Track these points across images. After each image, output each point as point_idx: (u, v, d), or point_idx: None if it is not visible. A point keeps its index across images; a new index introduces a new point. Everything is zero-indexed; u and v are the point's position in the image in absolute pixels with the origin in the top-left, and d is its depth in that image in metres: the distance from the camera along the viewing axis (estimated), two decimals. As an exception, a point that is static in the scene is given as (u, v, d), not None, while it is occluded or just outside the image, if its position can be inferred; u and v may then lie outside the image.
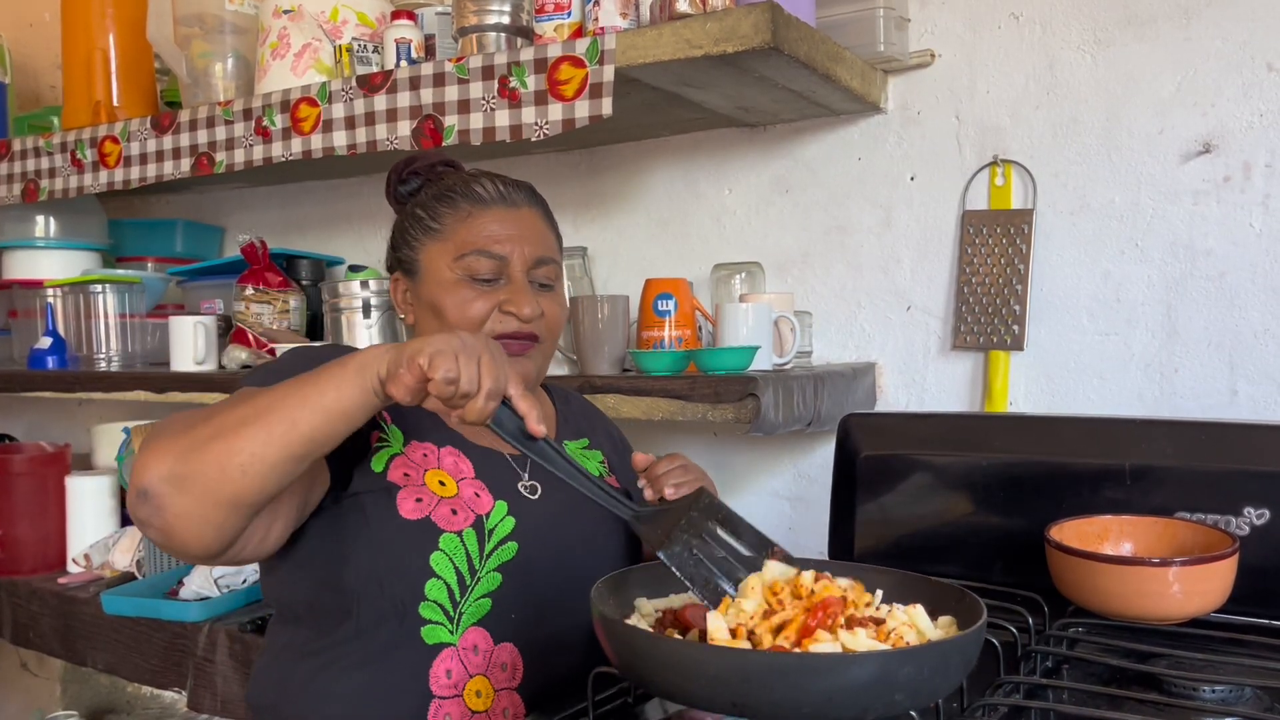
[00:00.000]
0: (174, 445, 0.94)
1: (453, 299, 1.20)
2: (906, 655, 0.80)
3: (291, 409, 0.93)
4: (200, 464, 0.92)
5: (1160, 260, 1.54)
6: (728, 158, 1.87)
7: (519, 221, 1.23)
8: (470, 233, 1.21)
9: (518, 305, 1.19)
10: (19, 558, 2.16)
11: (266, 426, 0.92)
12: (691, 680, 0.80)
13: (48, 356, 2.18)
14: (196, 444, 0.93)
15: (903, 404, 1.73)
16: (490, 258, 1.20)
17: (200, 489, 0.92)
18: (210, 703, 1.78)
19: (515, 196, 1.25)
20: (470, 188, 1.24)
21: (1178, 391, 1.53)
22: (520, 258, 1.21)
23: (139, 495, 0.94)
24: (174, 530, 0.94)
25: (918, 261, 1.72)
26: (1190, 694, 0.98)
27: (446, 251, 1.21)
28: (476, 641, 1.11)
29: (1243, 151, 1.49)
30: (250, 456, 0.92)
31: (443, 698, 1.10)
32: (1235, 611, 1.13)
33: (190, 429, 0.95)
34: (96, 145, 2.03)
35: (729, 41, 1.37)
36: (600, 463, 1.32)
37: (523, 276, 1.21)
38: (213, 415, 0.96)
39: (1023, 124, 1.62)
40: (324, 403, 0.93)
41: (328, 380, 0.94)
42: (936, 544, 1.41)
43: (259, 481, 0.93)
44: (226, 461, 0.92)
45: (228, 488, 0.93)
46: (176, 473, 0.92)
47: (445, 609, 1.11)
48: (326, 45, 1.83)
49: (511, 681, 1.13)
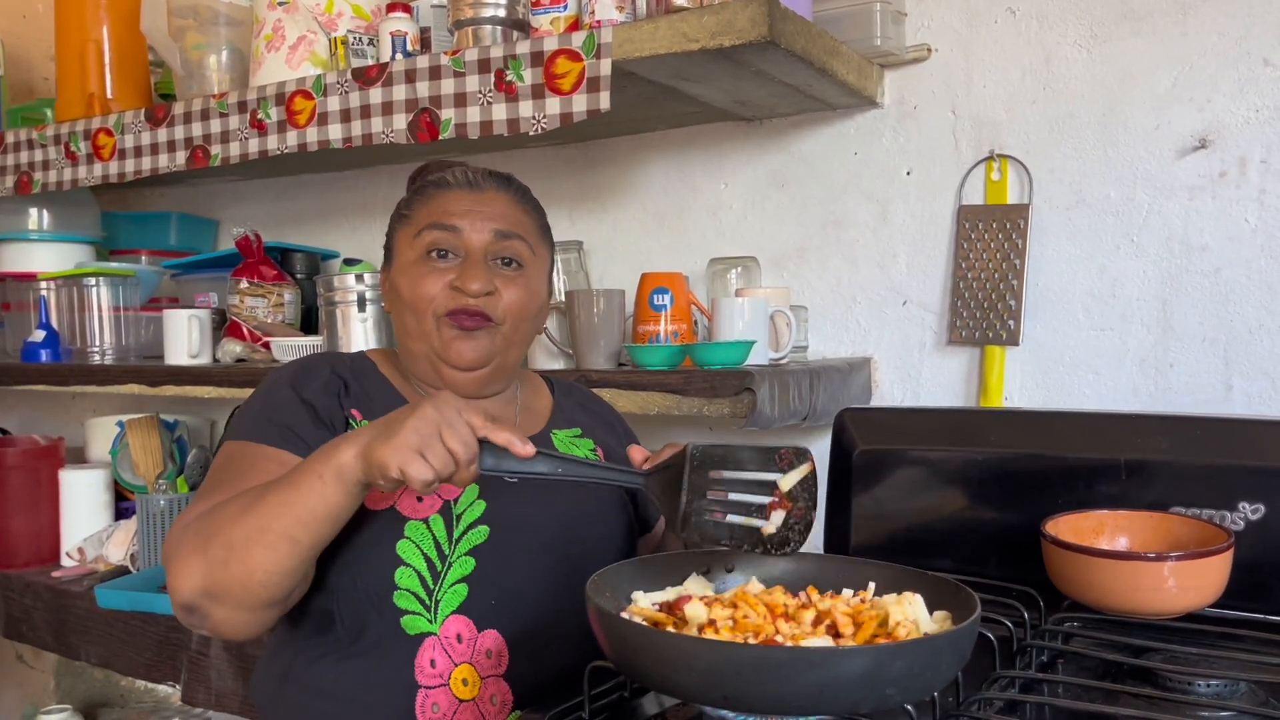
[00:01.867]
0: (197, 565, 1.02)
1: (407, 278, 1.22)
2: (898, 649, 0.80)
3: (285, 522, 0.99)
4: (226, 582, 1.01)
5: (1156, 255, 1.54)
6: (724, 152, 1.87)
7: (480, 200, 1.23)
8: (428, 210, 1.23)
9: (465, 280, 1.18)
10: (12, 551, 2.15)
11: (268, 545, 1.00)
12: (683, 673, 0.80)
13: (41, 350, 2.18)
14: (215, 564, 1.01)
15: (898, 399, 1.73)
16: (443, 229, 1.20)
17: (233, 601, 1.02)
18: (204, 697, 1.78)
19: (482, 182, 1.25)
20: (443, 177, 1.26)
21: (1173, 387, 1.54)
22: (475, 231, 1.21)
23: (184, 609, 1.04)
24: (222, 631, 1.05)
25: (914, 256, 1.72)
26: (1185, 688, 0.98)
27: (410, 233, 1.24)
28: (459, 630, 1.12)
29: (1239, 147, 1.49)
30: (266, 574, 1.00)
31: (429, 688, 1.10)
32: (1230, 606, 1.13)
33: (207, 545, 1.02)
34: (90, 138, 2.02)
35: (725, 35, 1.37)
36: (591, 450, 1.31)
37: (479, 251, 1.21)
38: (221, 528, 1.02)
39: (1019, 119, 1.62)
40: (315, 516, 0.99)
41: (312, 493, 0.99)
42: (932, 538, 1.41)
43: (280, 588, 1.03)
44: (247, 579, 1.01)
45: (254, 597, 1.02)
46: (208, 589, 1.02)
47: (420, 597, 1.11)
48: (321, 38, 1.82)
49: (498, 669, 1.13)
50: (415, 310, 1.20)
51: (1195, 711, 0.95)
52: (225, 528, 1.02)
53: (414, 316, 1.21)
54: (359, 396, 1.22)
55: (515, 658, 1.13)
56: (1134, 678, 1.03)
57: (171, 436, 2.17)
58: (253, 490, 1.04)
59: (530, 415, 1.32)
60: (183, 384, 1.91)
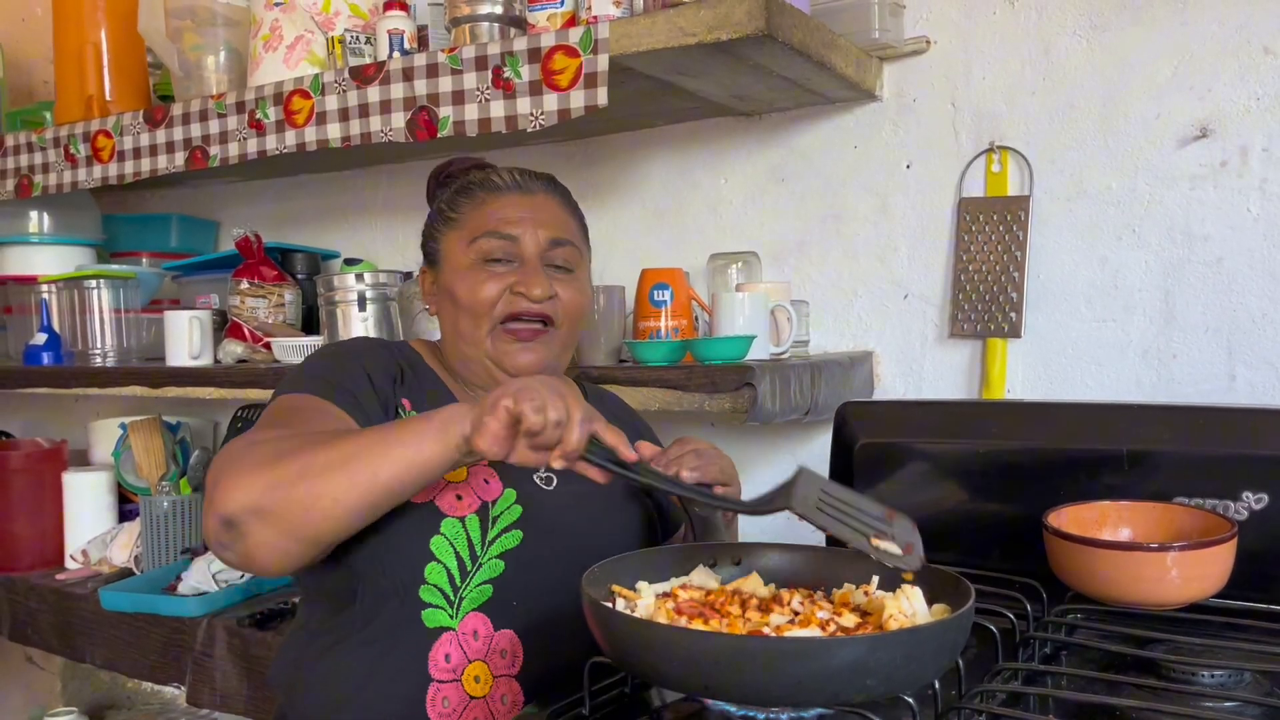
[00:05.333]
0: (260, 478, 0.98)
1: (465, 282, 1.23)
2: (877, 641, 0.80)
3: (375, 459, 0.97)
4: (286, 502, 0.97)
5: (1157, 246, 1.54)
6: (723, 147, 1.87)
7: (532, 205, 1.25)
8: (483, 217, 1.24)
9: (528, 285, 1.20)
10: (16, 554, 2.16)
11: (350, 475, 0.97)
12: (665, 661, 0.81)
13: (43, 352, 2.18)
14: (283, 480, 0.98)
15: (900, 393, 1.73)
16: (501, 238, 1.22)
17: (284, 525, 0.98)
18: (209, 697, 1.78)
19: (531, 184, 1.27)
20: (489, 178, 1.27)
21: (1175, 377, 1.53)
22: (532, 238, 1.23)
23: (223, 523, 0.99)
24: (253, 556, 1.00)
25: (914, 249, 1.71)
26: (1189, 679, 0.98)
27: (462, 238, 1.25)
28: (476, 627, 1.12)
29: (1240, 136, 1.48)
30: (333, 502, 0.97)
31: (441, 681, 1.10)
32: (1234, 596, 1.12)
33: (275, 461, 0.99)
34: (89, 140, 2.02)
35: (723, 29, 1.36)
36: None
37: (535, 258, 1.23)
38: (297, 450, 0.99)
39: (1019, 110, 1.62)
40: (406, 455, 0.97)
41: (411, 435, 0.98)
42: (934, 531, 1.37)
43: (338, 524, 0.99)
44: (311, 504, 0.97)
45: (309, 528, 0.99)
46: (262, 506, 0.98)
47: (445, 593, 1.11)
48: (319, 37, 1.82)
49: (511, 669, 1.13)
50: (474, 314, 1.22)
51: (1199, 702, 0.94)
52: (303, 451, 0.99)
53: (471, 321, 1.22)
54: (412, 388, 1.23)
55: (529, 659, 1.13)
56: (1138, 669, 1.02)
57: (174, 438, 2.17)
58: (338, 430, 1.03)
59: None
60: (184, 385, 1.91)
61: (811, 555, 1.05)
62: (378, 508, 1.00)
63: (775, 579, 1.02)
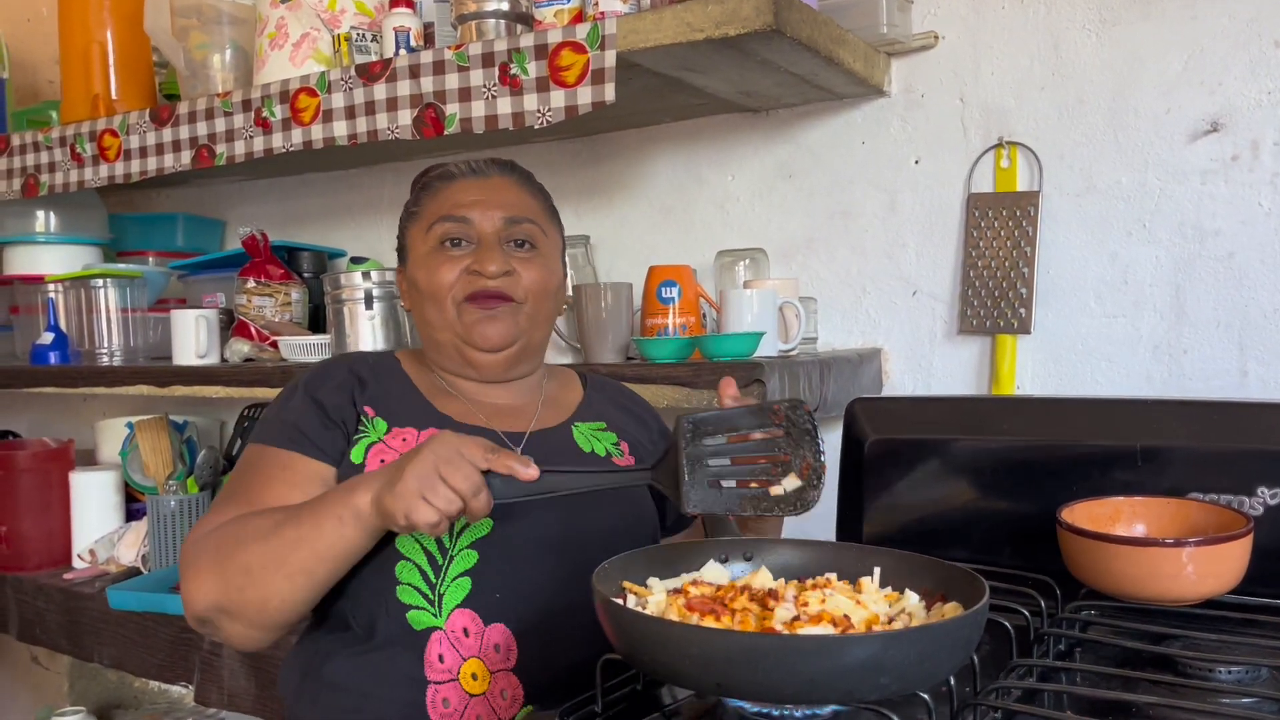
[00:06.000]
0: (212, 581, 1.07)
1: (424, 268, 1.24)
2: (892, 638, 0.79)
3: (305, 560, 1.04)
4: (242, 603, 1.06)
5: (1168, 241, 1.53)
6: (730, 143, 1.86)
7: (486, 188, 1.26)
8: (439, 204, 1.26)
9: (482, 263, 1.21)
10: (24, 554, 2.16)
11: (289, 579, 1.05)
12: (677, 660, 0.80)
13: (50, 352, 2.18)
14: (231, 585, 1.06)
15: (909, 389, 1.72)
16: (454, 221, 1.23)
17: (247, 620, 1.08)
18: (217, 697, 1.78)
19: (486, 169, 1.28)
20: (446, 169, 1.28)
21: (1187, 373, 1.52)
22: (486, 218, 1.23)
23: (197, 621, 1.10)
24: (234, 643, 1.12)
25: (923, 245, 1.70)
26: (1206, 675, 0.97)
27: (421, 228, 1.26)
28: (465, 624, 1.11)
29: (1251, 130, 1.47)
30: (282, 601, 1.06)
31: (438, 683, 1.10)
32: (1250, 592, 1.11)
33: (224, 564, 1.07)
34: (96, 139, 2.02)
35: (730, 24, 1.36)
36: (614, 444, 1.30)
37: (492, 236, 1.23)
38: (237, 551, 1.07)
39: (1028, 105, 1.61)
40: (334, 553, 1.05)
41: (330, 532, 1.04)
42: (946, 528, 1.40)
43: (296, 611, 1.08)
44: (264, 605, 1.06)
45: (271, 618, 1.07)
46: (223, 606, 1.07)
47: (423, 592, 1.12)
48: (325, 34, 1.82)
49: (507, 663, 1.12)
50: (435, 298, 1.22)
51: (1216, 698, 0.94)
52: (242, 551, 1.06)
53: (435, 305, 1.23)
54: (375, 395, 1.23)
55: (524, 652, 1.13)
56: (1153, 665, 1.02)
57: (181, 437, 2.17)
58: (272, 516, 1.08)
59: (553, 408, 1.32)
60: (191, 384, 1.91)
61: (823, 550, 1.04)
62: (324, 588, 1.08)
63: (786, 574, 1.01)
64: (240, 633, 1.09)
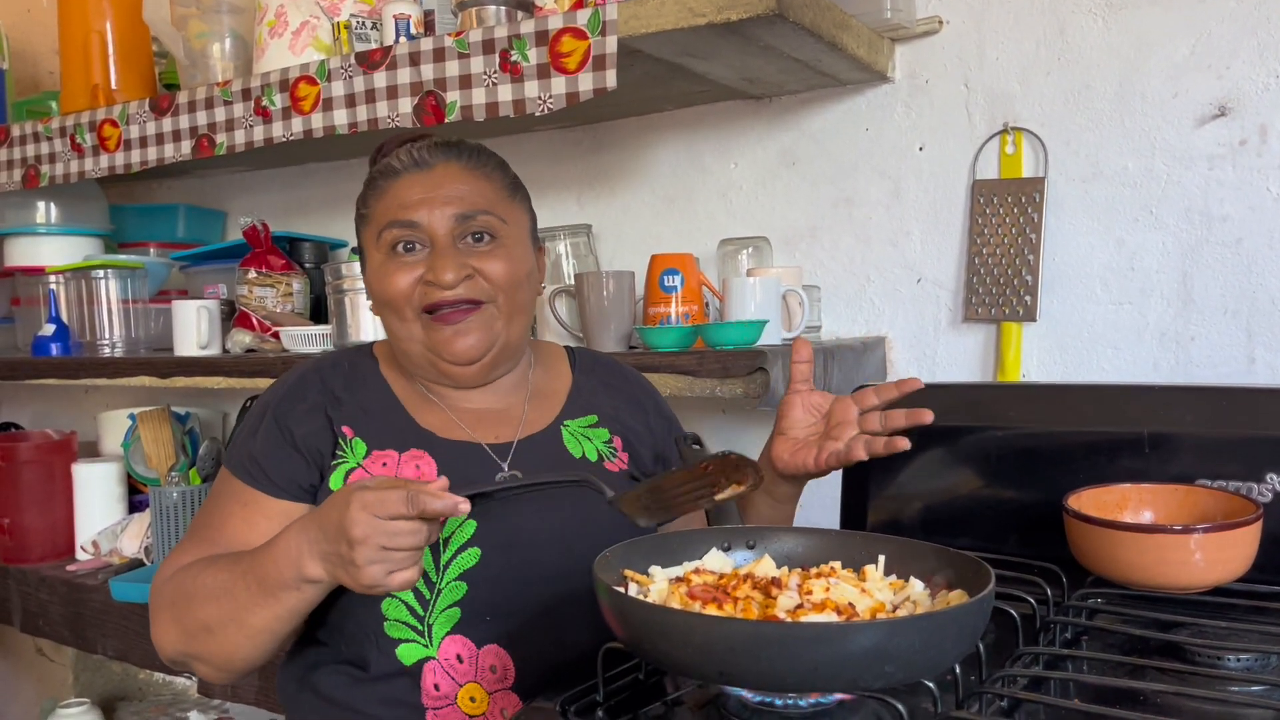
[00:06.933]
0: (175, 630, 1.08)
1: (378, 278, 1.16)
2: (897, 626, 0.79)
3: (267, 623, 1.02)
4: (206, 653, 1.07)
5: (1175, 227, 1.51)
6: (733, 131, 1.85)
7: (430, 182, 1.15)
8: (384, 207, 1.16)
9: (436, 272, 1.12)
10: (27, 546, 2.16)
11: (249, 637, 1.03)
12: (680, 648, 0.79)
13: (51, 343, 2.17)
14: (194, 638, 1.06)
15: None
16: (402, 226, 1.14)
17: (215, 665, 1.08)
18: (220, 688, 1.77)
19: (430, 158, 1.16)
20: (388, 163, 1.18)
21: (1194, 360, 1.51)
22: (436, 219, 1.13)
23: (170, 662, 1.11)
24: (209, 680, 1.14)
25: (927, 233, 1.69)
26: (1214, 663, 0.96)
27: (372, 234, 1.18)
28: (458, 651, 1.09)
29: (1259, 114, 1.46)
30: (246, 657, 1.05)
31: (437, 708, 1.08)
32: (1258, 579, 1.10)
33: (182, 615, 1.07)
34: (96, 129, 2.01)
35: (733, 9, 1.34)
36: (605, 442, 1.25)
37: (445, 239, 1.14)
38: (195, 606, 1.05)
39: (1033, 91, 1.59)
40: (293, 614, 1.02)
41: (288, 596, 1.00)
42: (951, 516, 1.39)
43: (263, 659, 1.07)
44: (229, 658, 1.06)
45: (237, 667, 1.07)
46: (188, 654, 1.08)
47: (413, 625, 1.09)
48: (325, 22, 1.81)
49: (504, 683, 1.10)
50: (395, 309, 1.15)
51: (1225, 686, 0.93)
52: (199, 608, 1.05)
53: (395, 317, 1.16)
54: (352, 411, 1.17)
55: (521, 670, 1.10)
56: (1161, 653, 1.01)
57: (183, 428, 2.17)
58: (229, 570, 1.04)
59: (541, 404, 1.25)
60: (193, 375, 1.91)
61: (826, 538, 1.03)
62: (287, 637, 1.06)
63: (789, 562, 1.00)
64: (212, 674, 1.09)
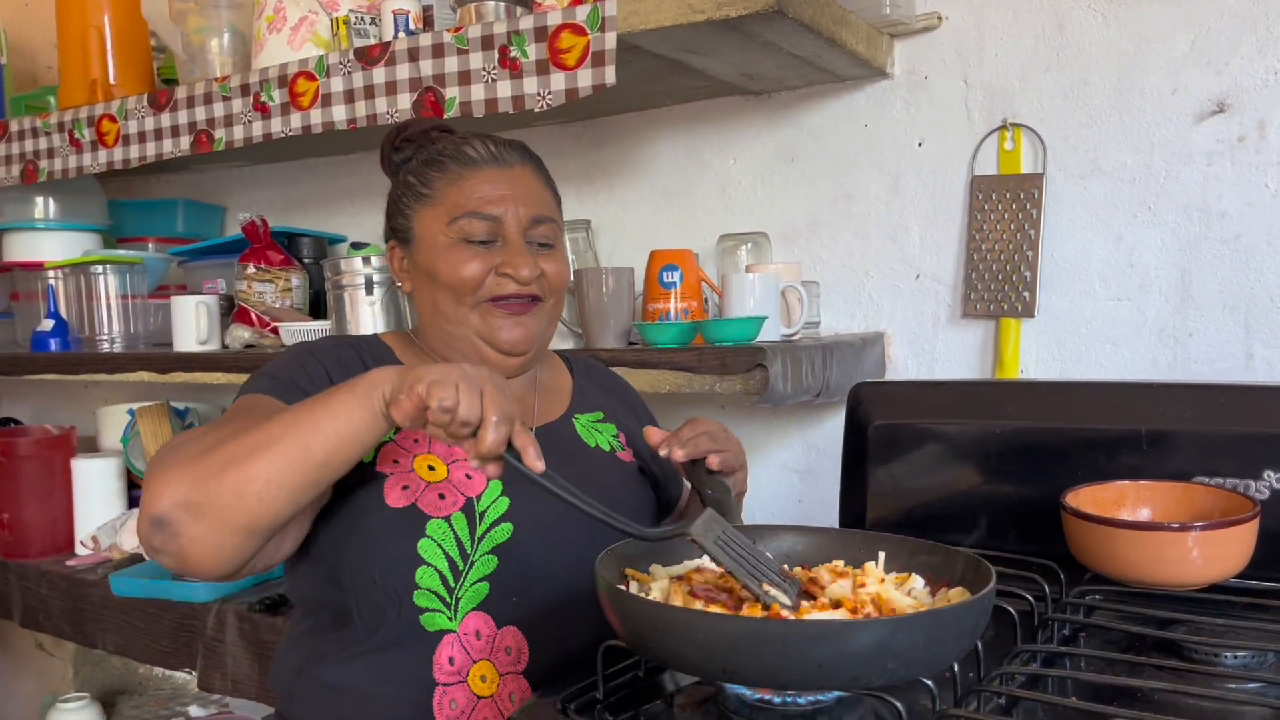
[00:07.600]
0: (187, 471, 0.95)
1: (447, 262, 1.18)
2: (900, 623, 0.79)
3: (304, 435, 0.94)
4: (216, 492, 0.93)
5: (1174, 223, 1.52)
6: (732, 127, 1.85)
7: (512, 181, 1.20)
8: (462, 195, 1.19)
9: (515, 267, 1.17)
10: (27, 541, 2.15)
11: (281, 454, 0.93)
12: (683, 645, 0.80)
13: (50, 339, 2.17)
14: (210, 471, 0.94)
15: (912, 374, 1.71)
16: (484, 219, 1.18)
17: (216, 516, 0.94)
18: (220, 683, 1.78)
19: (507, 155, 1.22)
20: (460, 150, 1.21)
21: (1192, 356, 1.51)
22: (515, 218, 1.19)
23: (153, 523, 0.95)
24: (189, 555, 0.95)
25: (926, 229, 1.69)
26: (1211, 660, 0.97)
27: (439, 216, 1.19)
28: (478, 627, 1.10)
29: (1258, 110, 1.46)
30: (266, 484, 0.93)
31: (446, 684, 1.08)
32: (1256, 576, 1.11)
33: (203, 454, 0.96)
34: (94, 124, 2.01)
35: (732, 5, 1.34)
36: (614, 436, 1.29)
37: (519, 237, 1.19)
38: (224, 440, 0.96)
39: (1032, 87, 1.59)
40: (335, 427, 0.94)
41: (337, 404, 0.95)
42: (950, 513, 1.39)
43: (274, 507, 0.95)
44: (243, 489, 0.93)
45: (244, 515, 0.94)
46: (192, 499, 0.94)
47: (441, 596, 1.09)
48: (323, 18, 1.81)
49: (517, 665, 1.11)
50: (456, 294, 1.18)
51: (1222, 683, 0.93)
52: (231, 440, 0.96)
53: (453, 299, 1.19)
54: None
55: (535, 655, 1.11)
56: (1159, 650, 1.01)
57: (182, 424, 2.17)
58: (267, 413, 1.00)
59: (550, 398, 1.30)
60: (192, 370, 1.91)
61: (826, 537, 1.04)
62: (314, 485, 0.97)
63: (789, 561, 1.01)
64: (200, 536, 0.94)
